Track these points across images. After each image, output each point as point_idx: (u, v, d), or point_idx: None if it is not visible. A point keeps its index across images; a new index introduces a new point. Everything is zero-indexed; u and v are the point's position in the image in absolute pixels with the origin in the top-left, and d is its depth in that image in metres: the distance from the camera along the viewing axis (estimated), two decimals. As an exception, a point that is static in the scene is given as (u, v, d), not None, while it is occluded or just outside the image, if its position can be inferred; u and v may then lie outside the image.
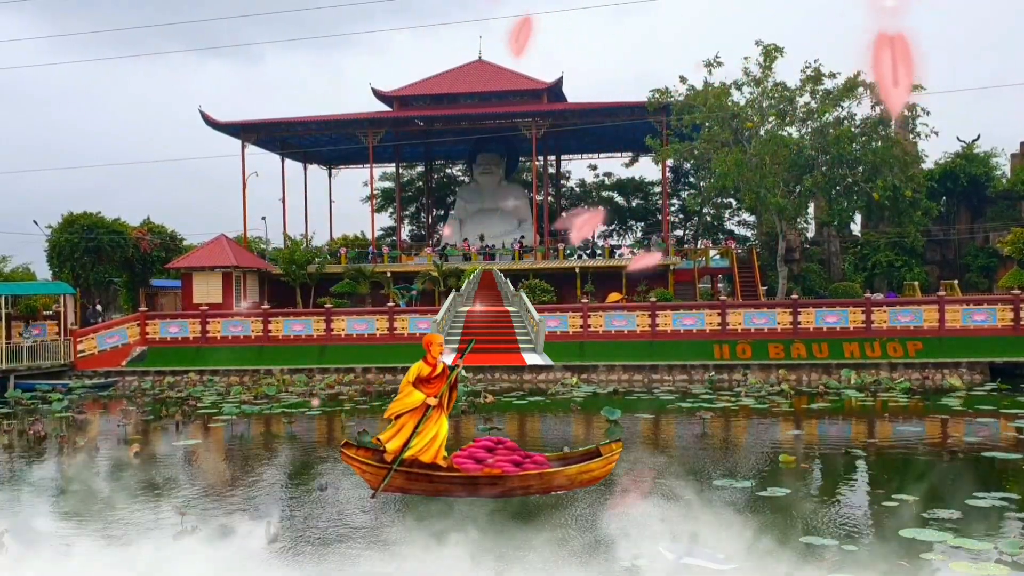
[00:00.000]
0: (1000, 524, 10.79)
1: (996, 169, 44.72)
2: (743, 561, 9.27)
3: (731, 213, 52.86)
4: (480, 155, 48.16)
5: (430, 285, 39.15)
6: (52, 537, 11.02)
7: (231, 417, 22.14)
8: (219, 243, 40.11)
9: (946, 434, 18.91)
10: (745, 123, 34.96)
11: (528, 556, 9.54)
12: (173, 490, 13.89)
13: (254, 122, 43.74)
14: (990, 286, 40.02)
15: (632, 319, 31.91)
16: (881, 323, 30.57)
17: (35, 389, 28.32)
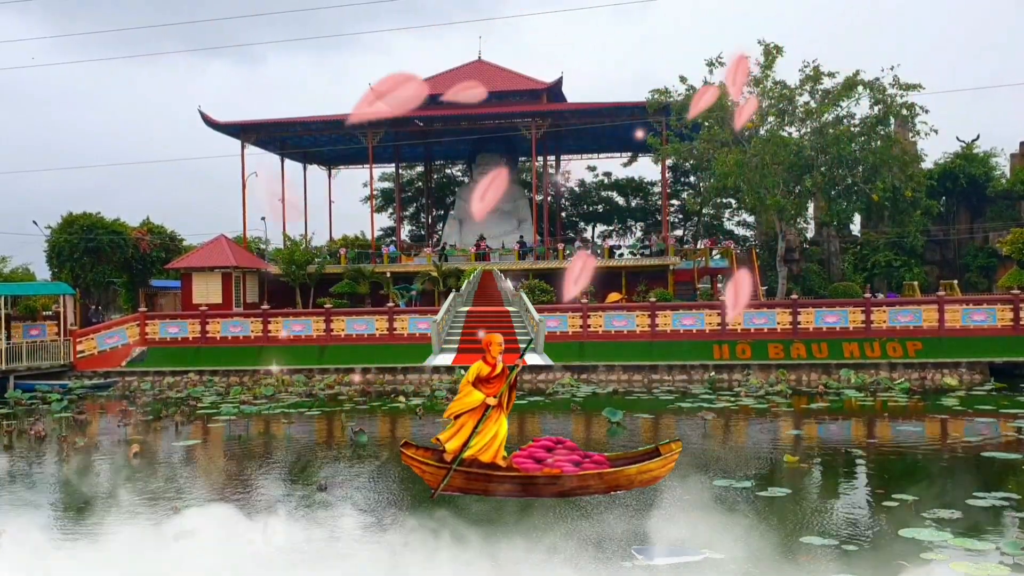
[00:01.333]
0: (1000, 524, 10.80)
1: (996, 169, 44.75)
2: (743, 563, 9.28)
3: (731, 213, 52.91)
4: (480, 155, 48.16)
5: (430, 285, 39.15)
6: (52, 537, 11.02)
7: (231, 417, 22.14)
8: (219, 243, 40.09)
9: (946, 434, 18.92)
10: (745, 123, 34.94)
11: (527, 557, 9.54)
12: (172, 490, 13.89)
13: (254, 122, 43.73)
14: (989, 286, 40.03)
15: (632, 319, 31.91)
16: (881, 323, 30.56)
17: (35, 389, 28.32)
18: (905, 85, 33.32)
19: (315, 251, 43.55)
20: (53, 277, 41.66)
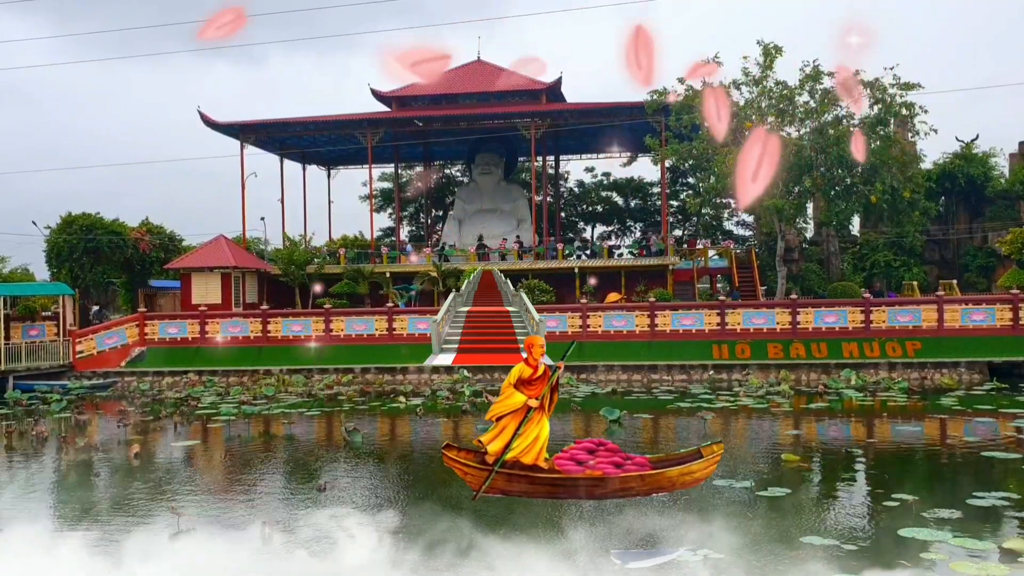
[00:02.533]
0: (1000, 524, 10.81)
1: (994, 169, 44.75)
2: (743, 562, 9.28)
3: (730, 213, 52.91)
4: (479, 155, 48.14)
5: (429, 285, 39.15)
6: (51, 538, 11.02)
7: (230, 417, 22.14)
8: (218, 244, 40.08)
9: (945, 434, 18.93)
10: (744, 123, 34.95)
11: (526, 556, 9.55)
12: (172, 491, 13.89)
13: (253, 122, 43.72)
14: (989, 286, 40.03)
15: (631, 319, 31.92)
16: (880, 323, 30.58)
17: (34, 390, 28.30)
18: (905, 85, 33.34)
19: (314, 251, 43.55)
20: (52, 277, 41.63)
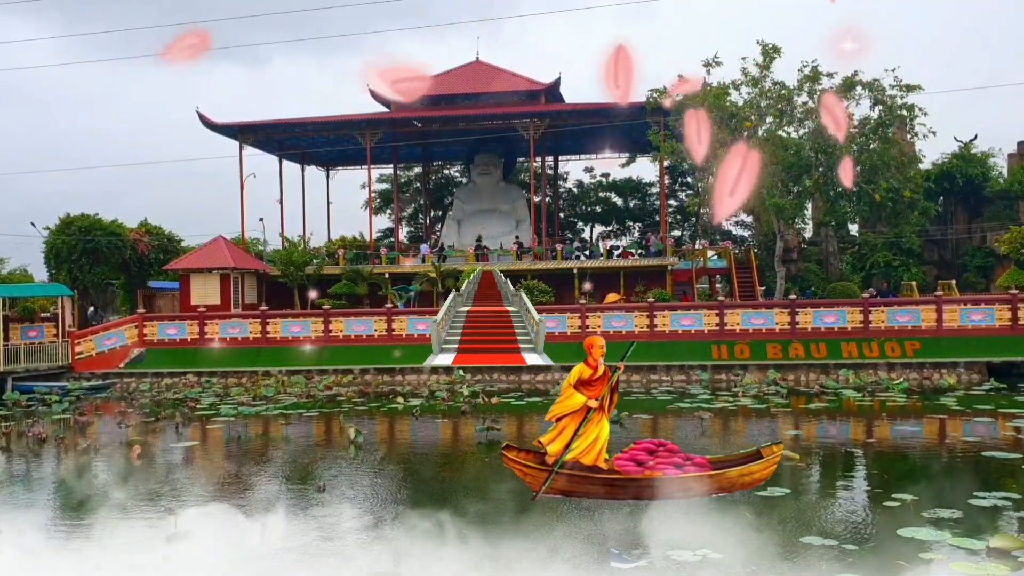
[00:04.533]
0: (1000, 524, 10.81)
1: (993, 169, 44.80)
2: (743, 563, 9.28)
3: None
4: (478, 156, 48.13)
5: (428, 286, 39.14)
6: (50, 539, 11.01)
7: (230, 418, 22.12)
8: (217, 244, 40.04)
9: (944, 434, 18.94)
10: (743, 123, 34.96)
11: (527, 556, 9.54)
12: (171, 492, 13.88)
13: (252, 123, 43.68)
14: (987, 286, 40.06)
15: (630, 319, 31.92)
16: (879, 323, 30.58)
17: (33, 391, 28.27)
18: (906, 86, 33.35)
19: (313, 252, 43.52)
20: (51, 278, 41.61)
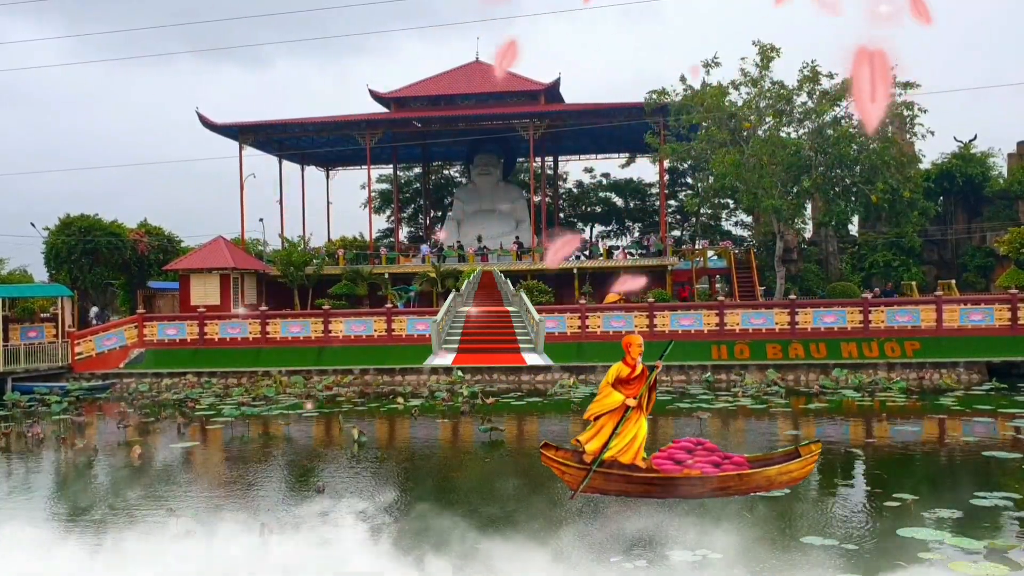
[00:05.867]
0: (1000, 524, 10.81)
1: (993, 169, 44.76)
2: (742, 563, 9.28)
3: (728, 214, 52.89)
4: (477, 156, 48.13)
5: (428, 286, 39.13)
6: (49, 539, 11.01)
7: (229, 419, 22.13)
8: (217, 245, 40.03)
9: (944, 434, 18.94)
10: (743, 123, 34.98)
11: (525, 557, 9.54)
12: (171, 492, 13.88)
13: (251, 123, 43.67)
14: (987, 286, 40.05)
15: (630, 320, 31.91)
16: (879, 323, 30.57)
17: (33, 392, 28.27)
18: (905, 84, 33.35)
19: (313, 252, 43.52)
20: (51, 279, 41.60)
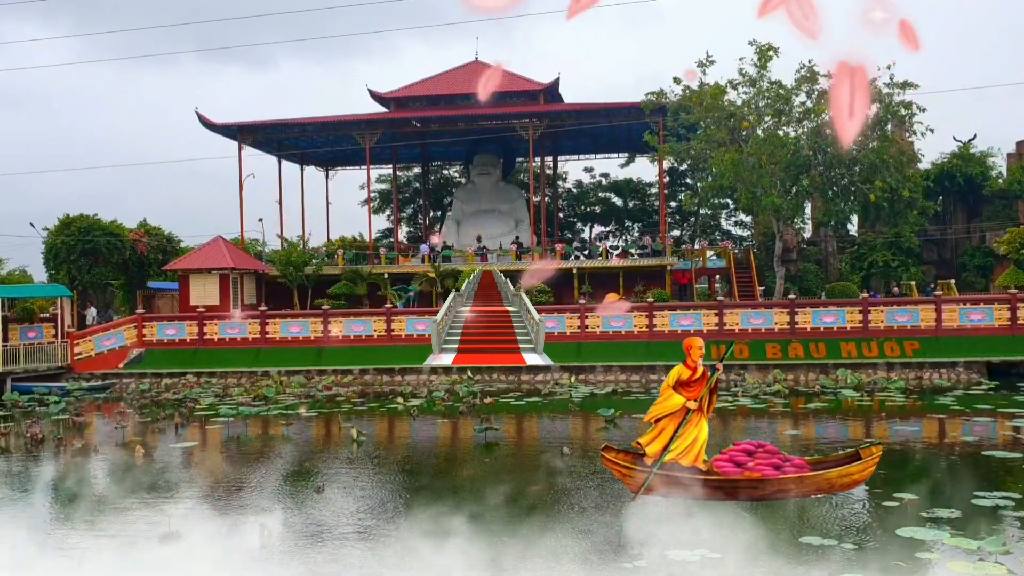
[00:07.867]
0: (999, 523, 10.81)
1: (992, 169, 44.77)
2: (742, 562, 9.27)
3: (728, 213, 52.91)
4: (477, 156, 48.14)
5: (427, 286, 39.12)
6: (49, 539, 11.00)
7: (229, 419, 22.12)
8: (216, 245, 40.01)
9: (944, 433, 18.94)
10: (741, 123, 34.98)
11: (526, 556, 9.54)
12: (171, 493, 13.88)
13: (251, 123, 43.65)
14: (987, 286, 40.06)
15: (629, 320, 31.91)
16: (878, 323, 30.58)
17: (32, 392, 28.26)
18: (903, 83, 33.35)
19: (312, 252, 43.50)
20: (50, 279, 41.57)
